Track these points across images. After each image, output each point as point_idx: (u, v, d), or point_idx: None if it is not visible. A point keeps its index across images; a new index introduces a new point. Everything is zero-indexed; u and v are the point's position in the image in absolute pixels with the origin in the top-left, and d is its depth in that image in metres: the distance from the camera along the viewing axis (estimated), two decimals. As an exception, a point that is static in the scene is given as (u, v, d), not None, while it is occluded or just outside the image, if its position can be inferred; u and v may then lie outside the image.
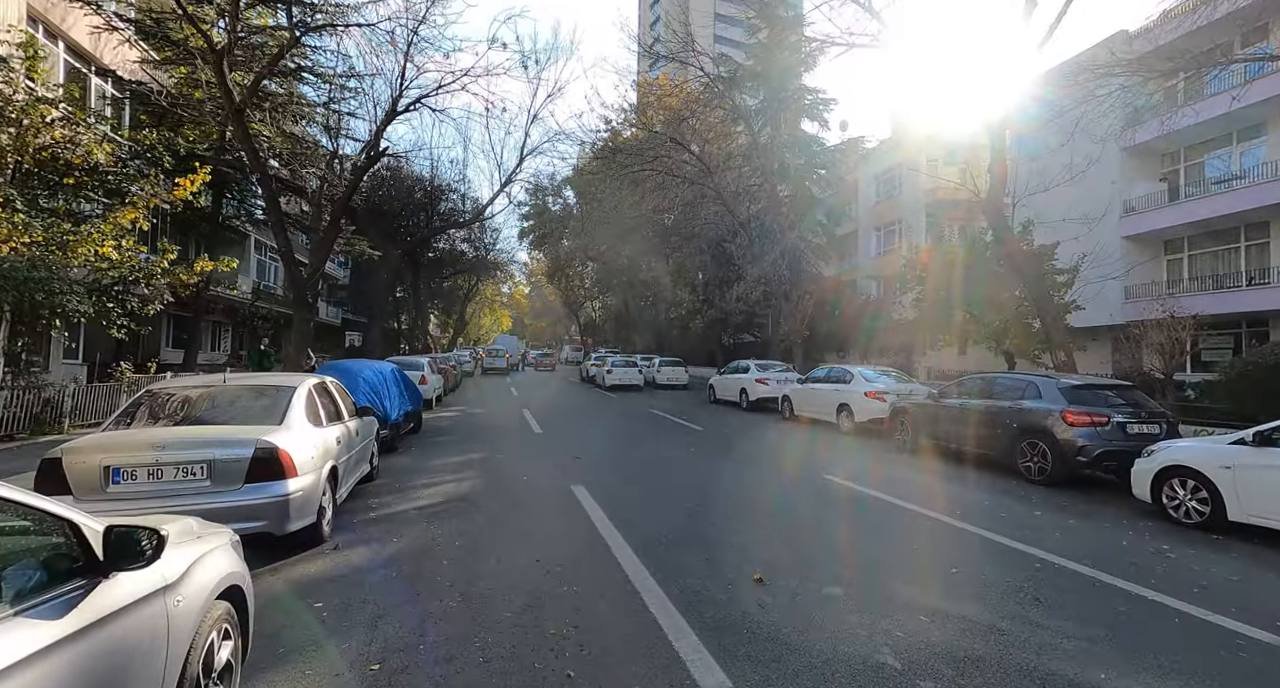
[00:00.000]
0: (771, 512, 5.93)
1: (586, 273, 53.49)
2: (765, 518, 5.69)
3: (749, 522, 5.47)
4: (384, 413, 8.46)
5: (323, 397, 5.29)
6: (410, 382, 10.37)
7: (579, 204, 38.48)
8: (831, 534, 5.28)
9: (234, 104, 9.26)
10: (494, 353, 36.45)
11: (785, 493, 6.77)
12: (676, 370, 24.91)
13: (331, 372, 8.86)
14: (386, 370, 9.31)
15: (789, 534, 5.14)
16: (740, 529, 5.18)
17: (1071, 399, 7.01)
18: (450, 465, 8.04)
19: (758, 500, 6.40)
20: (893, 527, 5.46)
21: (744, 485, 7.23)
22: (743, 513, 5.82)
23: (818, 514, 5.90)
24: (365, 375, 8.74)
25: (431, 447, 9.49)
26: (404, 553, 4.45)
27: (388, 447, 8.73)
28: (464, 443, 9.94)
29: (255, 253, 25.21)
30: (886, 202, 30.58)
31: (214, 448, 3.81)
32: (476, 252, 35.76)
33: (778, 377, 15.79)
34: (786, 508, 6.09)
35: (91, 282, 9.10)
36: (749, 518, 5.62)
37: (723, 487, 7.05)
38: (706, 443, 10.40)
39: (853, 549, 4.83)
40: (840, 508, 6.19)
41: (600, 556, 4.47)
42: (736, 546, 4.73)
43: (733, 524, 5.34)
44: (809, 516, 5.82)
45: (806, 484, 7.24)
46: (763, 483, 7.37)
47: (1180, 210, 17.19)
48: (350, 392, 8.37)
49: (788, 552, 4.64)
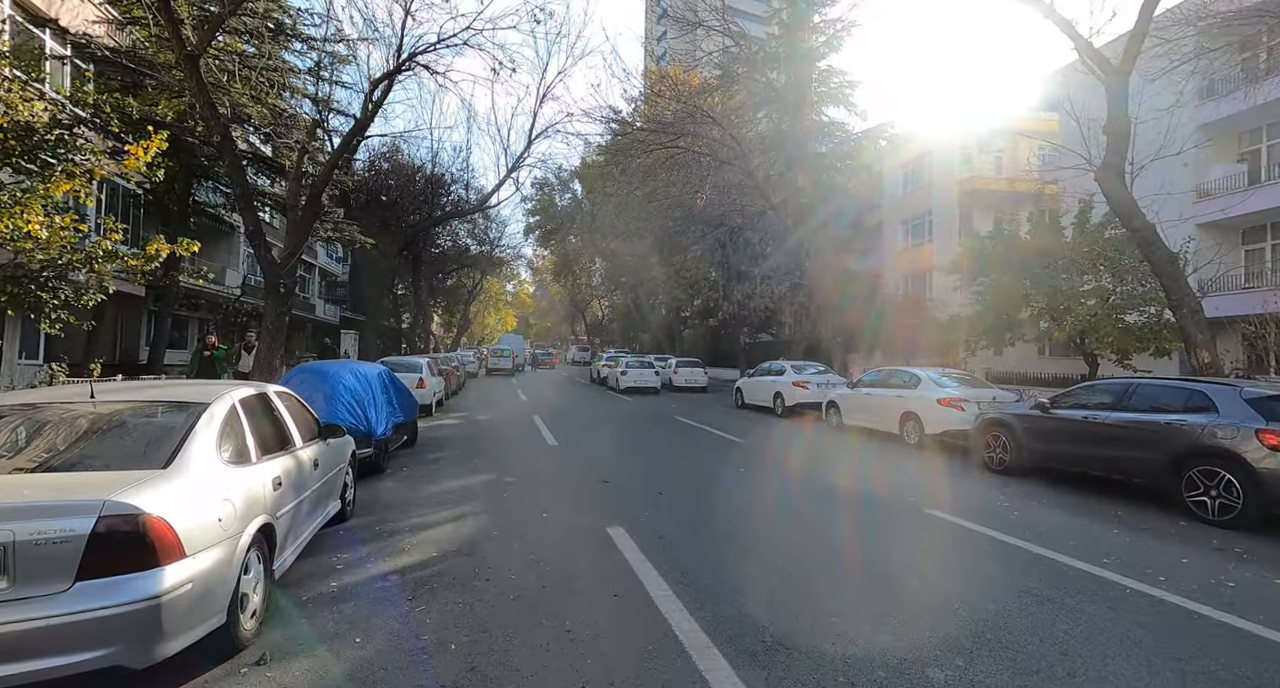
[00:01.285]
0: (891, 574, 4.23)
1: (594, 270, 51.92)
2: (885, 585, 3.99)
3: (868, 592, 3.79)
4: (367, 428, 6.83)
5: (256, 418, 3.63)
6: (403, 388, 8.74)
7: (587, 198, 36.89)
8: (997, 617, 3.56)
9: (185, 50, 7.62)
10: (499, 353, 34.83)
11: (893, 539, 5.08)
12: (695, 372, 23.23)
13: (302, 376, 7.25)
14: (373, 375, 7.67)
15: (939, 618, 3.44)
16: (861, 606, 3.50)
17: (1269, 414, 5.30)
18: (448, 495, 6.38)
19: (864, 553, 4.71)
20: (1071, 600, 3.74)
21: (831, 526, 5.55)
22: (852, 575, 4.15)
23: (961, 580, 4.20)
24: (346, 381, 7.11)
25: (427, 467, 7.84)
26: (372, 672, 2.79)
27: (372, 467, 7.09)
28: (466, 461, 8.28)
29: (245, 245, 23.65)
30: (914, 192, 28.80)
31: (12, 521, 2.15)
32: (481, 246, 34.16)
33: (817, 379, 14.10)
34: (908, 565, 4.39)
35: (12, 265, 7.48)
36: (864, 584, 3.93)
37: (806, 529, 5.37)
38: (754, 460, 8.72)
39: (1046, 647, 3.13)
40: (981, 566, 4.49)
41: (676, 669, 2.80)
42: (878, 648, 3.04)
43: (847, 597, 3.66)
44: (949, 581, 4.13)
45: (909, 524, 5.56)
46: (855, 522, 5.68)
47: (1264, 195, 15.41)
48: (329, 401, 6.76)
49: (957, 659, 2.95)
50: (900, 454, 9.22)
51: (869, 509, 6.14)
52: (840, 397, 12.01)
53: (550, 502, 6.11)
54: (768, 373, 15.71)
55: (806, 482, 7.36)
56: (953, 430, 9.18)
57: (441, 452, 8.95)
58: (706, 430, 11.88)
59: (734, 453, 9.34)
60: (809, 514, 5.93)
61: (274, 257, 8.65)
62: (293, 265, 8.81)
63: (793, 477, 7.67)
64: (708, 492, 6.66)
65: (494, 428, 11.92)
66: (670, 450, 9.58)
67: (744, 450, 9.58)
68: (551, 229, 45.50)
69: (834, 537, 5.23)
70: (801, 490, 6.92)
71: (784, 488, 7.04)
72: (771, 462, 8.61)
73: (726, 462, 8.53)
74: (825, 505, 6.27)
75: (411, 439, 9.37)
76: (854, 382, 12.00)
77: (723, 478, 7.41)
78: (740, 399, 16.70)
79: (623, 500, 6.18)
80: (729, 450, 9.58)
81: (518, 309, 79.99)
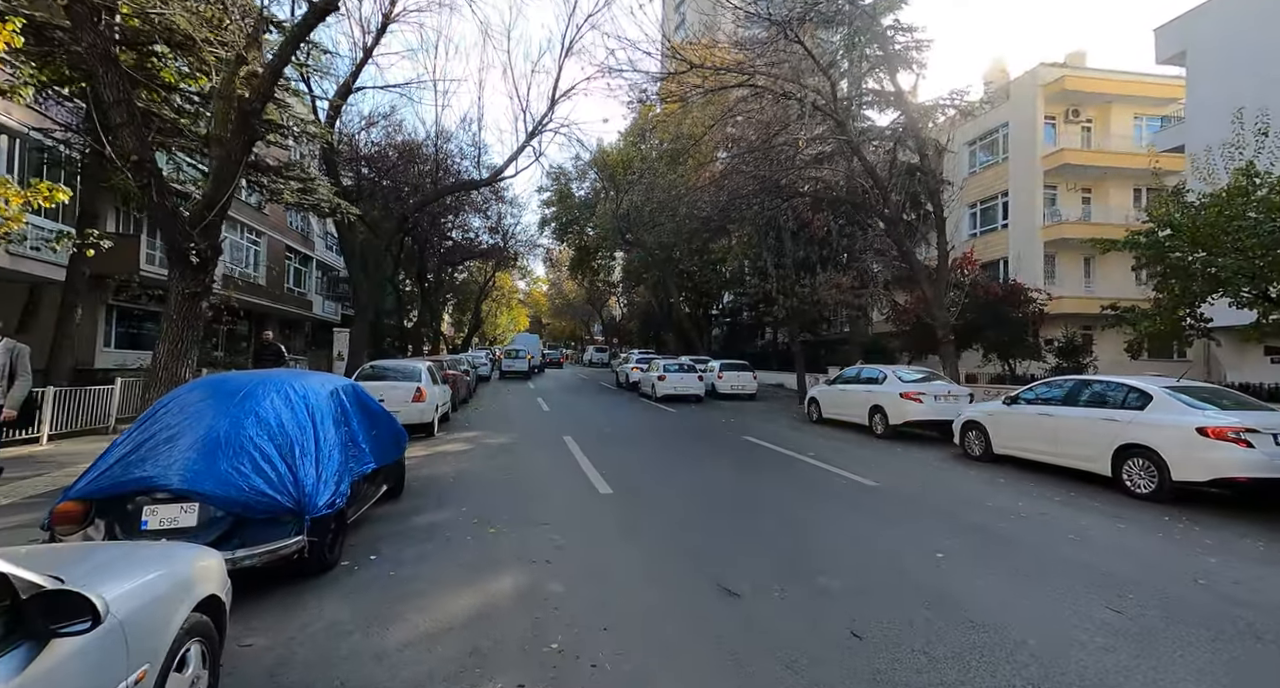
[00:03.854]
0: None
1: (613, 265, 48.77)
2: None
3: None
4: (294, 497, 3.68)
5: None
6: (380, 414, 5.60)
7: (609, 182, 33.77)
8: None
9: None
10: (513, 353, 31.73)
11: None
12: (743, 377, 19.98)
13: (184, 401, 4.13)
14: (320, 396, 4.51)
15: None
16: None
17: None
18: (441, 653, 3.21)
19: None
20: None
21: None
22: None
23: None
24: (262, 411, 3.97)
25: (413, 551, 4.68)
26: None
27: (311, 564, 3.94)
28: (479, 533, 5.10)
29: (228, 231, 20.77)
30: (987, 170, 25.30)
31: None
32: (494, 235, 31.15)
33: (934, 390, 10.81)
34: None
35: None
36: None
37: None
38: (930, 529, 5.45)
39: None
40: None
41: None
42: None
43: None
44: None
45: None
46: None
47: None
48: (214, 449, 3.66)
49: None
50: (1127, 510, 5.92)
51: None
52: (990, 417, 8.69)
53: (660, 670, 2.92)
54: (857, 381, 12.42)
55: (1067, 595, 4.10)
56: (1227, 478, 5.90)
57: (440, 511, 5.80)
58: (805, 462, 8.64)
59: (891, 512, 6.10)
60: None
61: (179, 207, 5.52)
62: (214, 221, 5.72)
63: (1036, 578, 4.42)
64: (939, 627, 3.43)
65: (515, 460, 8.77)
66: (787, 504, 6.36)
67: (896, 506, 6.34)
68: (568, 221, 42.49)
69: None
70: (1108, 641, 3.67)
71: (1081, 607, 3.80)
72: (970, 537, 5.36)
73: (892, 533, 5.29)
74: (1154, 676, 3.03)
75: (396, 487, 6.24)
76: (1011, 396, 8.67)
77: (919, 578, 4.18)
78: (816, 412, 13.43)
79: (790, 651, 2.98)
80: (878, 506, 6.34)
81: (531, 309, 77.22)
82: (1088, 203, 23.51)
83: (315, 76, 15.14)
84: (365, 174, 19.88)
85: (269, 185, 9.26)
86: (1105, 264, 23.24)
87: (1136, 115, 23.37)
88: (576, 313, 68.44)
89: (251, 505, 3.53)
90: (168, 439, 3.69)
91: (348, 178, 18.99)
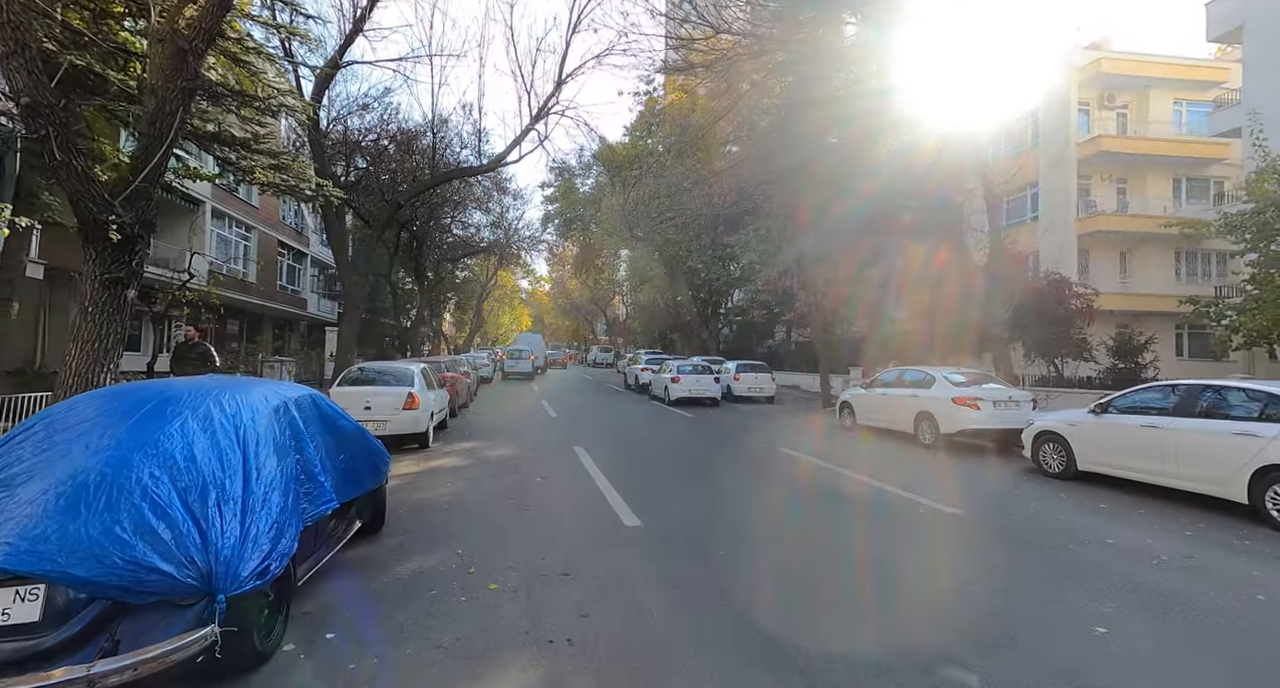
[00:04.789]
0: None
1: (618, 263, 47.60)
2: None
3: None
4: (199, 571, 2.47)
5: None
6: (351, 434, 4.40)
7: (617, 177, 32.55)
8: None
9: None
10: (515, 354, 30.51)
11: None
12: (761, 378, 18.78)
13: (68, 416, 2.93)
14: (263, 415, 3.28)
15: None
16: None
17: None
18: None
19: None
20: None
21: None
22: None
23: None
24: (171, 444, 2.75)
25: (376, 627, 3.46)
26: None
27: (235, 654, 2.72)
28: (470, 604, 3.84)
29: (213, 223, 19.64)
30: (1010, 161, 23.97)
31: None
32: (497, 230, 29.96)
33: (993, 394, 9.57)
34: None
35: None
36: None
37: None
38: (1059, 582, 4.22)
39: None
40: None
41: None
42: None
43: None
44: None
45: None
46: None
47: None
48: (105, 501, 2.42)
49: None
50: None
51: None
52: (1074, 428, 7.44)
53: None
54: (899, 384, 11.18)
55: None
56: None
57: (428, 554, 4.59)
58: (860, 482, 7.42)
59: (994, 554, 4.88)
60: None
61: (90, 169, 4.30)
62: (143, 189, 4.51)
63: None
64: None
65: (522, 478, 7.56)
66: (861, 540, 5.14)
67: (1000, 545, 5.12)
68: (572, 218, 41.32)
69: None
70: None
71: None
72: (1142, 598, 4.15)
73: (1027, 590, 4.06)
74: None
75: (375, 520, 5.04)
76: (1100, 404, 7.44)
77: (1126, 682, 2.96)
78: (850, 418, 12.21)
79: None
80: (974, 545, 5.13)
81: (534, 308, 76.11)
82: (1124, 194, 22.21)
83: (302, 51, 13.98)
84: (359, 164, 18.68)
85: (237, 162, 8.11)
86: (1142, 259, 21.99)
87: (1176, 100, 22.05)
88: (580, 312, 67.30)
89: (130, 586, 2.32)
90: (7, 484, 2.49)
91: (340, 167, 17.80)
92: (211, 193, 19.04)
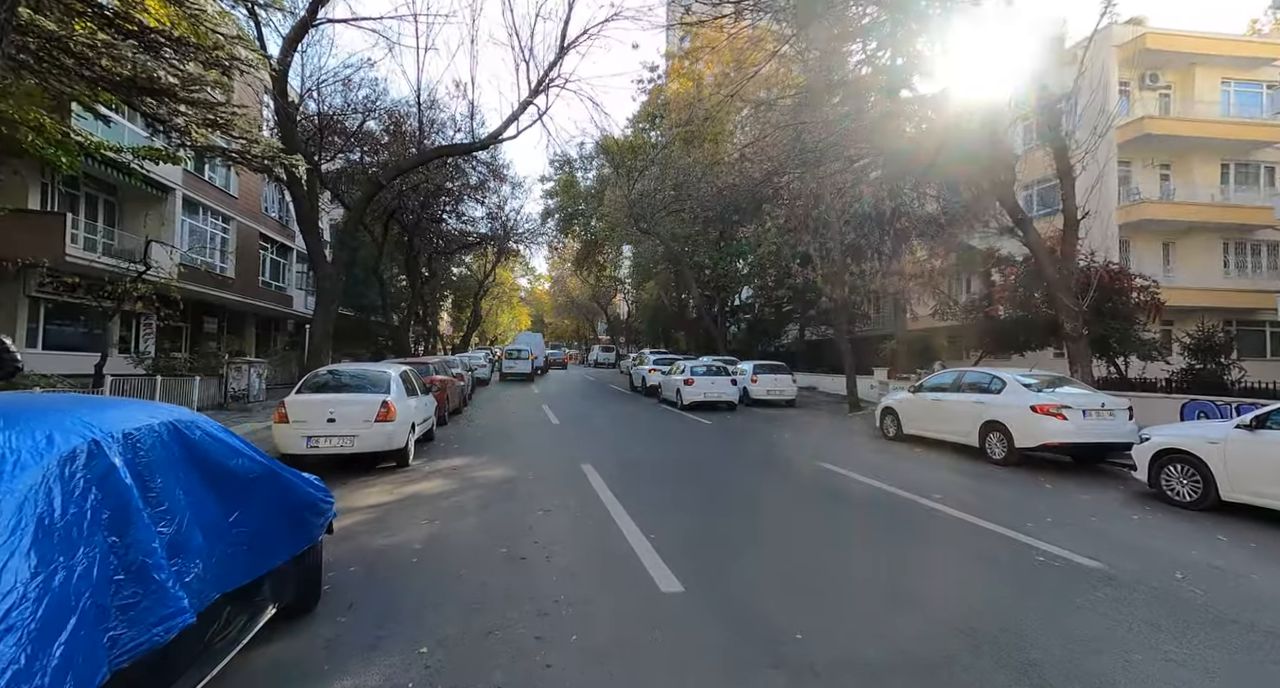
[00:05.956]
0: None
1: (621, 260, 46.06)
2: None
3: None
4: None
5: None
6: (260, 477, 2.86)
7: (616, 172, 31.03)
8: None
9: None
10: (514, 354, 28.92)
11: None
12: (781, 380, 17.26)
13: None
14: (29, 479, 1.77)
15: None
16: None
17: None
18: None
19: None
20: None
21: None
22: None
23: None
24: None
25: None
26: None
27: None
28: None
29: (184, 212, 18.09)
30: (1045, 146, 22.42)
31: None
32: (494, 221, 28.45)
33: (1080, 401, 8.04)
34: None
35: None
36: None
37: None
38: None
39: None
40: None
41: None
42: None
43: None
44: None
45: None
46: None
47: None
48: None
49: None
50: None
51: None
52: (1216, 447, 5.92)
53: None
54: (956, 388, 9.65)
55: None
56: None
57: (372, 657, 3.05)
58: (946, 515, 5.90)
59: (1208, 651, 3.36)
60: None
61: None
62: None
63: None
64: None
65: (519, 510, 6.03)
66: (992, 612, 3.61)
67: (1187, 626, 3.60)
68: (573, 213, 39.82)
69: None
70: None
71: None
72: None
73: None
74: None
75: (306, 595, 3.48)
76: (1258, 417, 5.92)
77: None
78: (895, 428, 10.69)
79: None
80: (1159, 624, 3.59)
81: (534, 308, 74.62)
82: (1167, 180, 20.70)
83: (276, 17, 12.44)
84: (336, 143, 17.13)
85: (166, 117, 6.58)
86: (1187, 250, 20.49)
87: (1224, 79, 20.52)
88: (580, 311, 65.81)
89: None
90: None
91: (314, 145, 16.25)
92: (182, 179, 17.49)
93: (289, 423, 6.99)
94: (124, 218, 16.80)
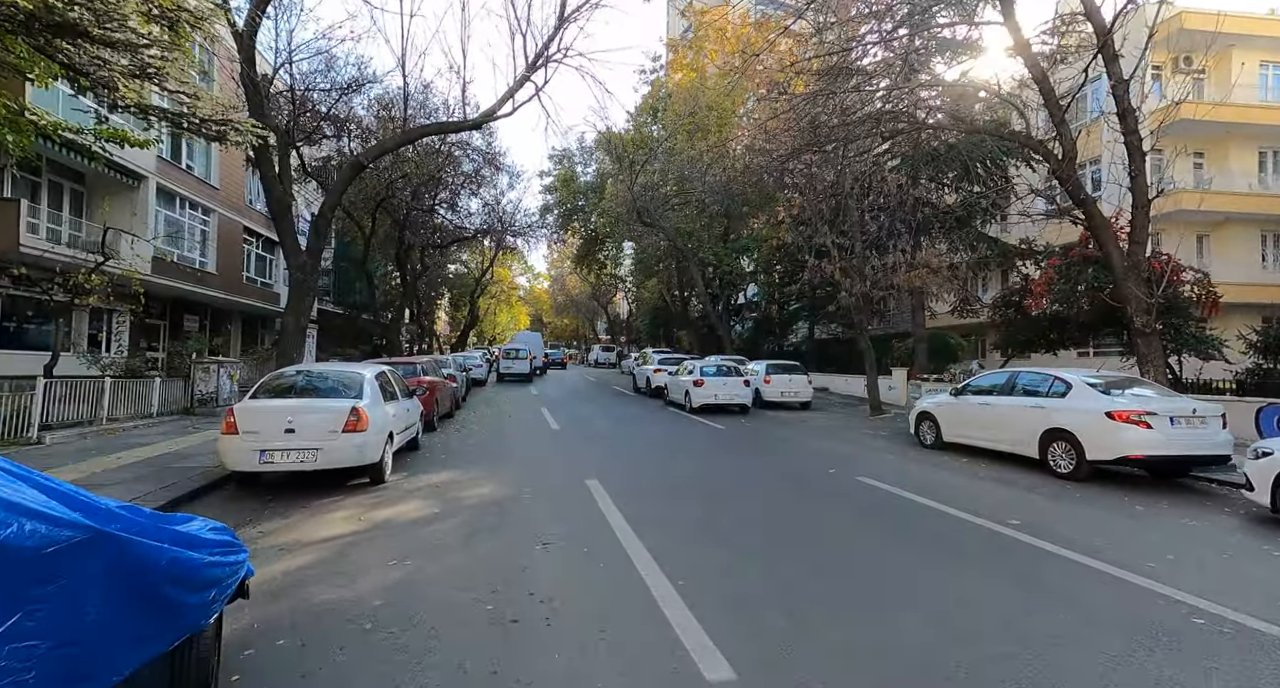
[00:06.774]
0: None
1: (621, 257, 44.86)
2: None
3: None
4: None
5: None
6: (69, 548, 1.74)
7: (618, 165, 29.88)
8: None
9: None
10: (512, 353, 27.76)
11: None
12: (796, 381, 16.16)
13: None
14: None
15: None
16: None
17: None
18: None
19: None
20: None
21: None
22: None
23: None
24: None
25: None
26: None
27: None
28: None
29: (159, 202, 16.93)
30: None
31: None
32: (490, 216, 27.33)
33: (1165, 406, 6.92)
34: None
35: None
36: None
37: None
38: None
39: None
40: None
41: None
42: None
43: None
44: None
45: None
46: None
47: None
48: None
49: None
50: None
51: None
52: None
53: None
54: (1008, 390, 8.52)
55: None
56: None
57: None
58: (1037, 550, 4.78)
59: None
60: None
61: None
62: None
63: None
64: None
65: (509, 542, 4.90)
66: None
67: None
68: (572, 209, 38.68)
69: None
70: None
71: None
72: None
73: None
74: None
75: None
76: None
77: None
78: (932, 433, 9.56)
79: None
80: None
81: (532, 305, 73.47)
82: (1201, 168, 19.60)
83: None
84: (326, 129, 16.00)
85: (88, 68, 5.42)
86: (1223, 243, 19.39)
87: (1263, 62, 19.40)
88: (580, 310, 64.67)
89: None
90: None
91: (284, 117, 15.10)
92: (156, 167, 16.35)
93: (238, 434, 5.84)
94: (93, 208, 15.64)
